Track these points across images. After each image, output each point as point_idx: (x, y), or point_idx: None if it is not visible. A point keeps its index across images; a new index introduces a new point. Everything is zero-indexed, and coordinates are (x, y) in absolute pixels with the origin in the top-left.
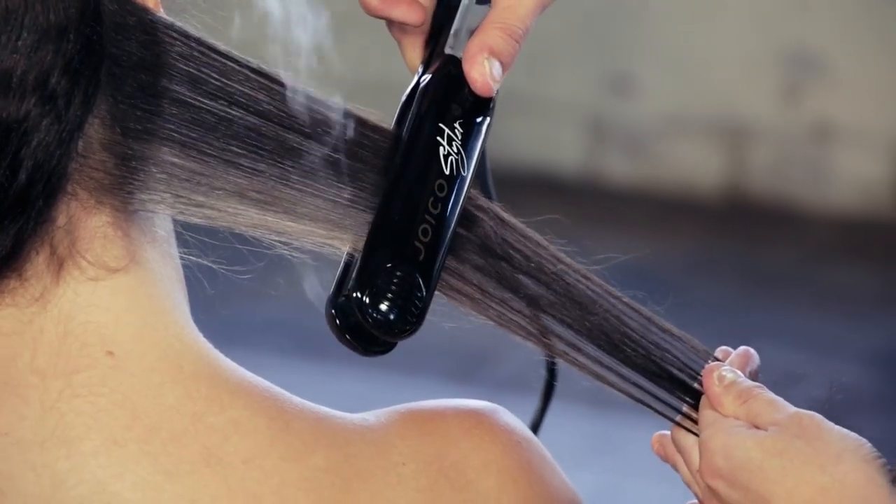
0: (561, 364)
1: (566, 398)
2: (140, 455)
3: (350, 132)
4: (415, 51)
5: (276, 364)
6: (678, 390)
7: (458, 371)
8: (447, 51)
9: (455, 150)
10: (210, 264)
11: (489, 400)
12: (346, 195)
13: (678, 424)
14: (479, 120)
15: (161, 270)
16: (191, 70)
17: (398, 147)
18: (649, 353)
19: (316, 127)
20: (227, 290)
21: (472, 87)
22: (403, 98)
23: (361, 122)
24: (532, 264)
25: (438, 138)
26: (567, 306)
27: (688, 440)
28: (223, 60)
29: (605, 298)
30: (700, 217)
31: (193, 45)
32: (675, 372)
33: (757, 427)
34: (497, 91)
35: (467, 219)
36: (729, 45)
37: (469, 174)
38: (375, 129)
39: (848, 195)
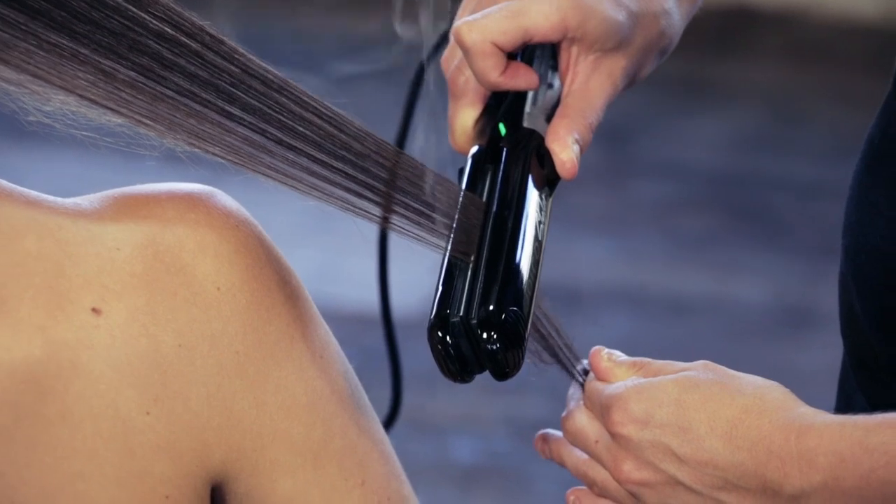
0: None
1: None
2: None
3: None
4: (472, 111)
5: None
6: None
7: (177, 152)
8: (527, 125)
9: (543, 219)
10: None
11: (211, 181)
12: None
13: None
14: (551, 193)
15: None
16: None
17: (506, 206)
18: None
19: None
20: None
21: (560, 167)
22: (476, 157)
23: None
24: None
25: (537, 203)
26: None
27: (581, 419)
28: None
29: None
30: None
31: None
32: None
33: None
34: None
35: None
36: None
37: (544, 241)
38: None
39: None
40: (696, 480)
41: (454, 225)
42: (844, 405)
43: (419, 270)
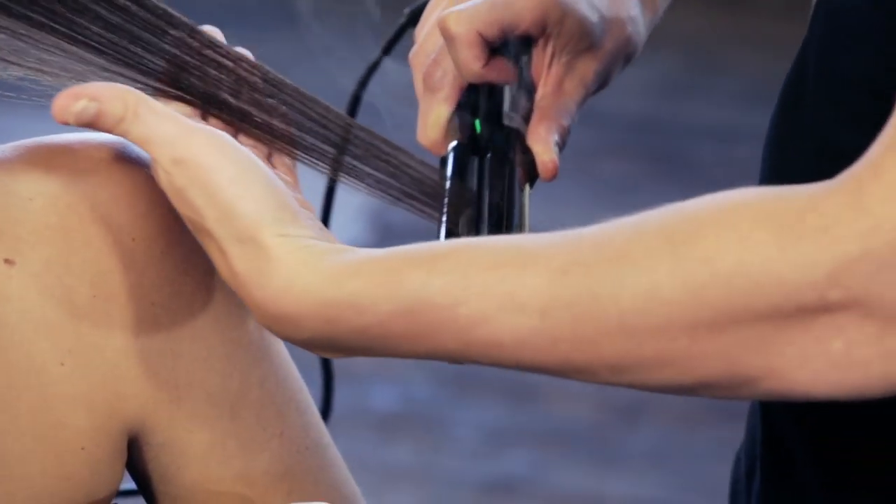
0: None
1: None
2: None
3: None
4: (447, 106)
5: None
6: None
7: None
8: (507, 123)
9: (526, 212)
10: None
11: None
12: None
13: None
14: (531, 188)
15: None
16: None
17: (500, 196)
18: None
19: None
20: None
21: (543, 168)
22: (458, 150)
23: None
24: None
25: (524, 199)
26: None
27: None
28: None
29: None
30: None
31: None
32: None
33: None
34: None
35: None
36: None
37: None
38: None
39: None
40: None
41: (444, 208)
42: None
43: (350, 232)
